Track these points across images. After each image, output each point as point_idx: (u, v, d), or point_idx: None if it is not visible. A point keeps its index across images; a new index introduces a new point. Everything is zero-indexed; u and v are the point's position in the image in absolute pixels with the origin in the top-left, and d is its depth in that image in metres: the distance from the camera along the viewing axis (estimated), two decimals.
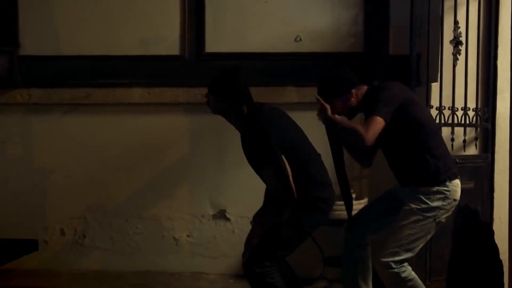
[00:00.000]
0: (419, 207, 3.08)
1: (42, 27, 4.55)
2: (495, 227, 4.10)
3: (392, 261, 3.04)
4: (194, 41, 4.50)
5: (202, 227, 4.57)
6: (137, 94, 4.53)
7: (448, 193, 3.11)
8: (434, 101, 3.96)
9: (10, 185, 4.62)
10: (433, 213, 3.10)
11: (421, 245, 3.15)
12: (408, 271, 3.09)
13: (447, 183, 3.11)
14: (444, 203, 3.11)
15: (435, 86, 4.01)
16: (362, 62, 4.31)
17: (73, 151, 4.58)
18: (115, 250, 4.61)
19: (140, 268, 4.55)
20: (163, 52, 4.52)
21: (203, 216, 4.57)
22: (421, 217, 3.08)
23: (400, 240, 3.06)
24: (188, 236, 4.58)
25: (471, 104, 4.09)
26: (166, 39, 4.52)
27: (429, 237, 3.16)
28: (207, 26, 4.49)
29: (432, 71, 3.98)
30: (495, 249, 3.75)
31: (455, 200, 3.15)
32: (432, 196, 3.08)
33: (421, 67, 4.11)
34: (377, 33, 4.40)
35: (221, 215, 4.56)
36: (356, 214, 3.41)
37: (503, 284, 3.74)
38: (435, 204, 3.09)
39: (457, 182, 3.16)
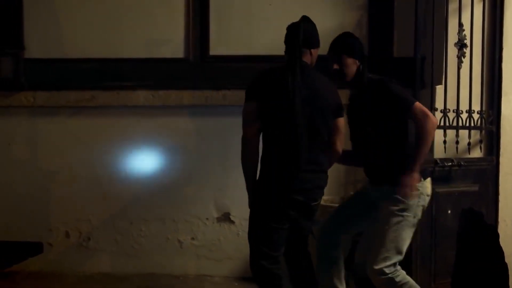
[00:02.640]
0: (397, 207, 3.10)
1: (47, 29, 4.57)
2: (500, 230, 4.09)
3: (385, 267, 3.06)
4: (198, 43, 4.51)
5: (207, 229, 4.58)
6: (141, 96, 4.54)
7: (421, 189, 3.15)
8: (439, 104, 3.95)
9: (15, 187, 4.63)
10: (411, 211, 3.13)
11: (407, 244, 3.16)
12: (402, 275, 3.10)
13: (421, 181, 3.15)
14: (419, 200, 3.15)
15: (439, 89, 4.00)
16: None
17: (78, 153, 4.60)
18: (120, 252, 4.61)
19: (144, 270, 4.56)
20: (167, 54, 4.53)
21: (207, 218, 4.58)
22: (401, 218, 3.11)
23: (387, 245, 3.08)
24: (192, 238, 4.58)
25: (476, 106, 4.08)
26: (171, 42, 4.54)
27: (412, 234, 3.18)
28: (212, 28, 4.50)
29: (437, 74, 3.98)
30: (500, 252, 3.74)
31: (428, 195, 3.21)
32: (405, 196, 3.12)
33: (425, 70, 4.10)
34: (382, 35, 4.40)
35: (226, 217, 4.56)
36: (329, 216, 3.45)
37: (508, 287, 3.73)
38: (411, 202, 3.12)
39: (429, 179, 3.23)
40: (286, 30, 3.17)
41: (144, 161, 4.56)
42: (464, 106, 4.00)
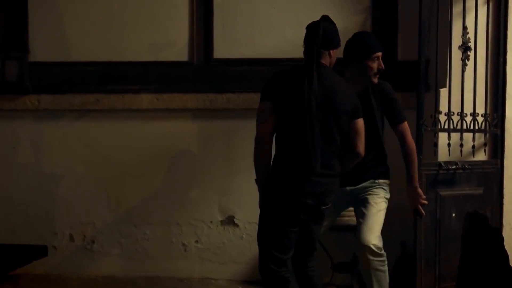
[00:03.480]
0: (386, 196, 3.46)
1: (52, 33, 4.58)
2: (505, 233, 4.08)
3: (379, 243, 3.29)
4: (202, 47, 4.52)
5: (211, 233, 4.58)
6: (146, 100, 4.54)
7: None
8: (443, 107, 3.95)
9: (20, 190, 4.64)
10: (388, 200, 3.48)
11: None
12: None
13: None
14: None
15: (443, 92, 4.00)
16: None
17: (82, 156, 4.61)
18: (124, 256, 4.62)
19: (148, 273, 4.56)
20: (172, 58, 4.53)
21: (211, 222, 4.58)
22: (386, 205, 3.45)
23: (380, 225, 3.36)
24: (196, 242, 4.58)
25: (480, 109, 4.06)
26: (175, 45, 4.54)
27: None
28: (216, 32, 4.50)
29: (441, 77, 3.97)
30: (504, 255, 3.72)
31: None
32: (388, 187, 3.50)
33: (429, 73, 4.10)
34: (386, 38, 4.38)
35: (230, 221, 4.56)
36: None
37: None
38: (389, 195, 3.49)
39: None
40: (306, 30, 3.16)
41: (149, 165, 4.57)
42: (468, 109, 3.99)
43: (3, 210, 4.63)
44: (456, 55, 3.96)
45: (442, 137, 3.91)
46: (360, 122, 3.15)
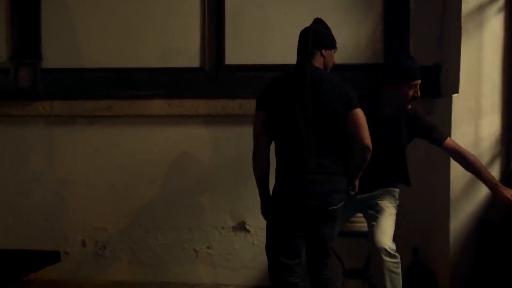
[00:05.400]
0: (396, 203, 3.51)
1: (64, 40, 4.61)
2: None
3: (393, 245, 3.28)
4: (214, 53, 4.52)
5: (222, 238, 4.57)
6: (157, 106, 4.55)
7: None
8: (455, 112, 3.92)
9: (32, 196, 4.66)
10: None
11: None
12: None
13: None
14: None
15: (455, 97, 3.97)
16: None
17: (94, 162, 4.62)
18: (136, 261, 4.62)
19: (160, 279, 4.56)
20: (183, 64, 4.54)
21: (223, 227, 4.58)
22: (396, 211, 3.48)
23: (392, 229, 3.37)
24: (208, 247, 4.58)
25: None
26: (186, 51, 4.55)
27: None
28: (227, 38, 4.50)
29: (454, 82, 3.96)
30: None
31: None
32: (397, 196, 3.55)
33: (441, 78, 4.08)
34: (398, 44, 4.38)
35: (241, 226, 4.56)
36: None
37: None
38: (398, 202, 3.53)
39: None
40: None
41: (160, 170, 4.58)
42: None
43: (16, 215, 4.66)
44: (470, 60, 3.92)
45: None
46: (358, 112, 3.03)
